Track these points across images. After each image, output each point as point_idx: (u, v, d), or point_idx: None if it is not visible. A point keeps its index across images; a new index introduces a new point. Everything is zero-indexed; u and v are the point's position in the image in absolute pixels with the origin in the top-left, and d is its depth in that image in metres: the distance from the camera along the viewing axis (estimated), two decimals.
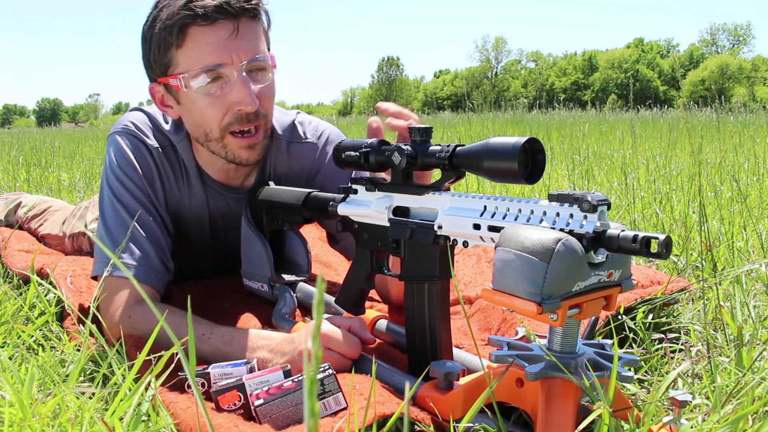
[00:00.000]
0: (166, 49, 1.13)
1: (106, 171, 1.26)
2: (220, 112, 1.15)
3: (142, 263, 1.19)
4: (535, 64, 66.92)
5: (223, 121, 1.16)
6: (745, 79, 46.80)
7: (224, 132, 1.18)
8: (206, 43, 1.11)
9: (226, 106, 1.15)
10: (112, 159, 1.26)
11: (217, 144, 1.20)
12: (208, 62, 1.11)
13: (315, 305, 0.32)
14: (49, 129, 23.29)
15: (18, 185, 3.70)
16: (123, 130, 1.28)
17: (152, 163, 1.27)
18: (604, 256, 0.74)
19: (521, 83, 63.26)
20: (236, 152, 1.21)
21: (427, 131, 0.96)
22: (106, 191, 1.25)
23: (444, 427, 0.83)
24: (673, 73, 49.65)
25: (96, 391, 0.85)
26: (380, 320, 1.17)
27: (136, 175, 1.25)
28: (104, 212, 1.23)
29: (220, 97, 1.14)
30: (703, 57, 55.52)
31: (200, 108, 1.16)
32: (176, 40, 1.11)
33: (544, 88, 58.61)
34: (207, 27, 1.10)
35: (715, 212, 2.14)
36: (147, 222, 1.23)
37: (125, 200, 1.23)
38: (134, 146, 1.26)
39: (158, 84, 1.20)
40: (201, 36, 1.10)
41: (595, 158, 4.11)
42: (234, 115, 1.16)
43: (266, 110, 1.20)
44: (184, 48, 1.12)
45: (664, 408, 0.90)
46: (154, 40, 1.15)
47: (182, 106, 1.20)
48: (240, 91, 1.13)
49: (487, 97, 31.69)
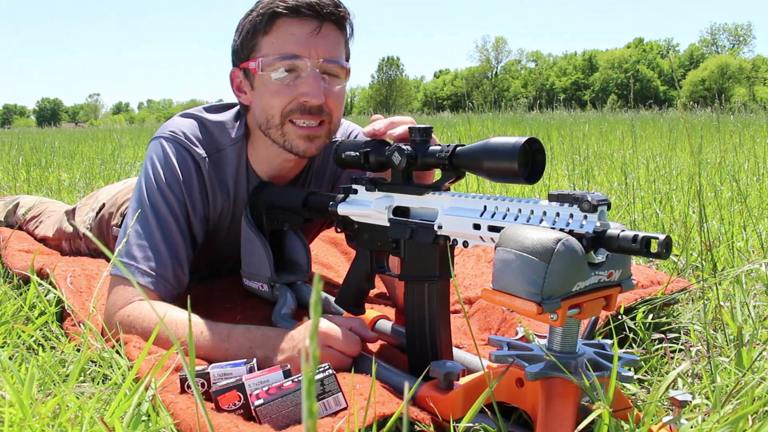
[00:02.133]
0: (254, 35, 1.21)
1: (145, 174, 1.26)
2: (286, 100, 1.20)
3: (156, 273, 1.19)
4: (535, 64, 66.93)
5: (287, 108, 1.20)
6: (745, 79, 46.80)
7: (285, 119, 1.21)
8: (290, 34, 1.18)
9: (293, 95, 1.19)
10: (154, 163, 1.26)
11: (277, 131, 1.23)
12: (287, 51, 1.18)
13: (313, 305, 0.32)
14: (49, 129, 23.30)
15: (18, 185, 3.70)
16: (171, 137, 1.28)
17: (197, 173, 1.28)
18: (604, 256, 0.74)
19: (521, 83, 63.27)
20: (294, 141, 1.23)
21: (427, 131, 0.96)
22: (140, 194, 1.25)
23: (444, 427, 0.83)
24: (673, 74, 49.68)
25: (96, 391, 0.85)
26: (380, 320, 1.17)
27: (175, 184, 1.25)
28: (136, 217, 1.23)
29: (290, 86, 1.19)
30: (703, 57, 55.52)
31: (269, 92, 1.20)
32: (264, 27, 1.19)
33: (544, 88, 58.63)
34: (294, 20, 1.17)
35: (715, 212, 2.14)
36: (173, 233, 1.23)
37: (158, 206, 1.23)
38: (180, 155, 1.27)
39: (239, 69, 1.26)
40: (287, 27, 1.18)
41: (595, 158, 4.11)
42: (298, 105, 1.19)
43: (331, 110, 1.23)
44: (269, 35, 1.19)
45: (664, 408, 0.90)
46: (245, 27, 1.22)
47: (255, 91, 1.24)
48: (309, 84, 1.18)
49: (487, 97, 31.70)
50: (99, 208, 1.78)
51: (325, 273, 1.68)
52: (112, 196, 1.78)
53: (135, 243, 1.20)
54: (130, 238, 1.20)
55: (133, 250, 1.19)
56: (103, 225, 1.74)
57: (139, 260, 1.18)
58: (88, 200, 1.89)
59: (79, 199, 3.23)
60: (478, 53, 66.38)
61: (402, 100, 60.97)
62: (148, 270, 1.18)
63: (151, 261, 1.19)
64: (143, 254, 1.19)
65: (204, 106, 1.39)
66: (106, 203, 1.76)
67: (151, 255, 1.19)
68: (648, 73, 53.65)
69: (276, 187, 1.31)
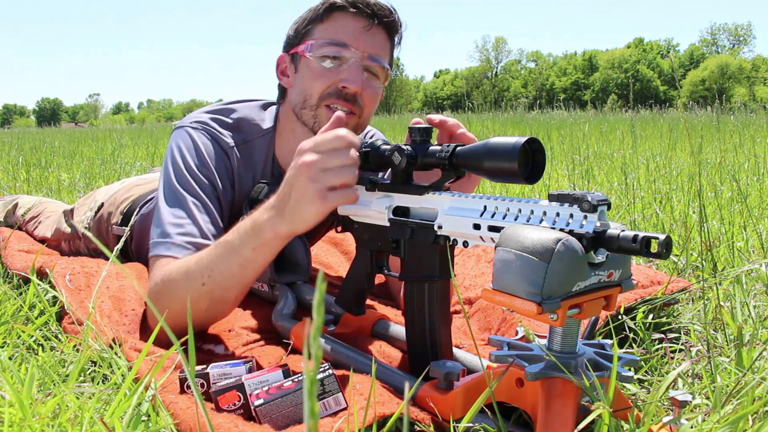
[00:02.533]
0: (310, 23, 1.26)
1: (172, 160, 1.26)
2: (326, 83, 1.23)
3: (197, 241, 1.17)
4: (535, 64, 66.92)
5: (326, 91, 1.24)
6: (745, 79, 46.80)
7: (321, 101, 1.24)
8: (343, 25, 1.24)
9: (333, 80, 1.23)
10: (181, 149, 1.26)
11: (311, 111, 1.26)
12: (337, 38, 1.23)
13: (315, 305, 0.32)
14: (49, 129, 23.30)
15: (18, 185, 3.70)
16: (198, 125, 1.30)
17: (226, 160, 1.29)
18: (604, 256, 0.74)
19: (521, 83, 63.26)
20: (324, 123, 1.23)
21: (427, 131, 0.96)
22: (167, 179, 1.24)
23: (444, 427, 0.83)
24: (673, 74, 49.66)
25: (96, 391, 0.85)
26: (380, 320, 1.17)
27: (203, 167, 1.25)
28: (166, 198, 1.22)
29: (332, 71, 1.23)
30: (704, 57, 55.53)
31: (312, 74, 1.24)
32: (321, 16, 1.25)
33: (544, 88, 58.61)
34: (350, 13, 1.23)
35: (715, 212, 2.14)
36: (209, 207, 1.22)
37: (190, 187, 1.22)
38: (208, 141, 1.28)
39: (287, 55, 1.31)
40: (341, 18, 1.24)
41: (595, 158, 4.11)
42: (336, 90, 1.23)
43: (364, 104, 1.26)
44: (324, 23, 1.25)
45: (664, 408, 0.90)
46: (303, 16, 1.29)
47: (298, 74, 1.28)
48: (351, 71, 1.22)
49: (487, 97, 31.69)
50: (97, 208, 1.78)
51: (325, 273, 1.68)
52: (110, 195, 1.78)
53: (169, 222, 1.18)
54: (163, 218, 1.19)
55: (167, 228, 1.18)
56: (102, 225, 1.74)
57: (173, 236, 1.17)
58: (85, 200, 1.89)
59: (78, 199, 3.23)
60: (478, 53, 66.41)
61: (402, 100, 60.93)
62: (184, 243, 1.16)
63: (188, 235, 1.17)
64: (180, 230, 1.17)
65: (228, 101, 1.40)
66: (105, 203, 1.76)
67: (188, 230, 1.18)
68: (648, 73, 53.65)
69: (276, 187, 1.31)
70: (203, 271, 1.06)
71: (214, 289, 1.06)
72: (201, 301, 1.07)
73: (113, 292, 1.36)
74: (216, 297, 1.07)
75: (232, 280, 1.06)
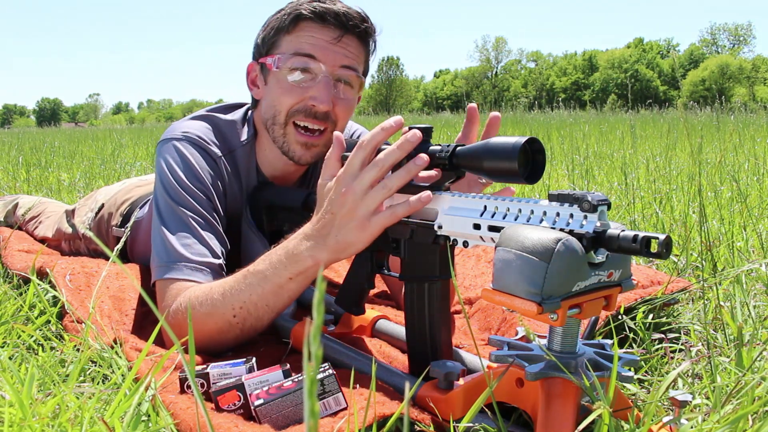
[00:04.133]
0: (277, 33, 1.23)
1: (163, 178, 1.21)
2: (295, 99, 1.21)
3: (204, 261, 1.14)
4: (535, 64, 66.91)
5: (293, 107, 1.21)
6: (745, 79, 46.80)
7: (289, 119, 1.22)
8: (310, 36, 1.20)
9: (302, 96, 1.21)
10: (170, 165, 1.22)
11: (280, 130, 1.24)
12: (303, 50, 1.19)
13: (315, 305, 0.32)
14: (49, 129, 23.31)
15: (18, 185, 3.70)
16: (184, 137, 1.25)
17: (217, 170, 1.26)
18: (604, 256, 0.74)
19: (521, 83, 63.26)
20: (292, 145, 1.24)
21: (427, 131, 0.96)
22: (163, 198, 1.20)
23: (444, 427, 0.83)
24: (673, 73, 49.65)
25: (96, 391, 0.85)
26: (380, 320, 1.17)
27: (196, 181, 1.21)
28: (164, 219, 1.18)
29: (301, 87, 1.21)
30: (704, 57, 55.52)
31: (281, 89, 1.22)
32: (288, 26, 1.21)
33: (544, 88, 58.62)
34: (317, 25, 1.19)
35: (715, 212, 2.14)
36: (210, 222, 1.20)
37: (187, 204, 1.19)
38: (198, 154, 1.24)
39: (257, 63, 1.28)
40: (309, 29, 1.20)
41: (595, 158, 4.11)
42: (304, 107, 1.21)
43: (337, 118, 1.23)
44: (291, 34, 1.21)
45: (664, 408, 0.90)
46: (271, 24, 1.24)
47: (267, 87, 1.26)
48: (319, 88, 1.19)
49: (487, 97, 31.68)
50: (98, 208, 1.78)
51: (325, 273, 1.68)
52: (111, 196, 1.78)
53: (174, 243, 1.14)
54: (168, 239, 1.15)
55: (175, 249, 1.14)
56: (103, 225, 1.74)
57: (183, 257, 1.13)
58: (86, 201, 1.89)
59: (78, 199, 3.23)
60: (478, 53, 66.40)
61: (402, 100, 60.95)
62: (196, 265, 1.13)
63: (198, 255, 1.14)
64: (188, 250, 1.14)
65: (210, 108, 1.37)
66: (105, 204, 1.76)
67: (197, 249, 1.15)
68: (648, 73, 53.65)
69: (276, 187, 1.31)
70: (233, 303, 1.04)
71: (247, 319, 1.05)
72: (231, 331, 1.06)
73: (113, 292, 1.36)
74: (248, 326, 1.06)
75: (266, 309, 1.04)
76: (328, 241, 0.96)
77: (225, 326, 1.05)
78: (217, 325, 1.05)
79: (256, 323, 1.06)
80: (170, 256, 1.14)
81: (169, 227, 1.17)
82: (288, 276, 1.00)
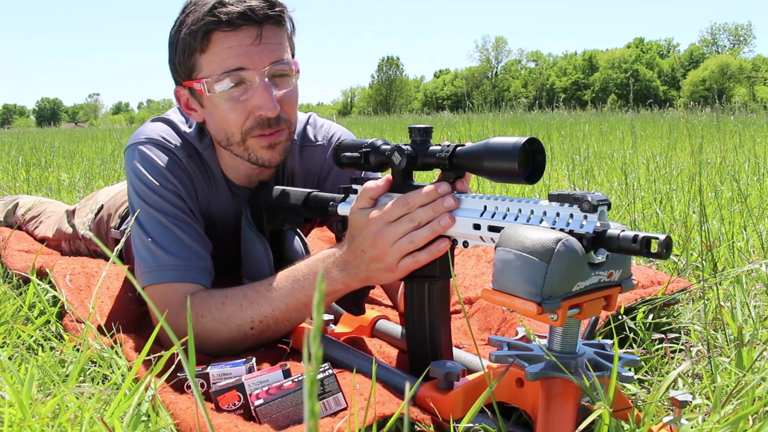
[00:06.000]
0: (191, 54, 1.15)
1: (135, 183, 1.21)
2: (242, 116, 1.16)
3: (189, 263, 1.15)
4: (535, 64, 66.92)
5: (245, 125, 1.16)
6: (745, 79, 46.81)
7: (246, 136, 1.18)
8: (228, 48, 1.12)
9: (247, 110, 1.15)
10: (139, 170, 1.21)
11: (239, 147, 1.19)
12: (229, 65, 1.12)
13: (315, 305, 0.32)
14: (48, 129, 23.32)
15: (18, 185, 3.70)
16: (148, 141, 1.24)
17: (183, 170, 1.24)
18: (604, 256, 0.74)
19: (521, 83, 63.26)
20: (258, 153, 1.20)
21: (427, 131, 0.96)
22: (138, 204, 1.19)
23: (444, 427, 0.83)
24: (674, 73, 49.67)
25: (96, 391, 0.85)
26: (380, 320, 1.17)
27: (168, 183, 1.20)
28: (142, 224, 1.17)
29: (242, 101, 1.15)
30: (704, 57, 55.52)
31: (223, 112, 1.16)
32: (200, 45, 1.13)
33: (544, 88, 58.63)
34: (230, 32, 1.11)
35: (715, 212, 2.14)
36: (188, 223, 1.19)
37: (163, 207, 1.18)
38: (163, 155, 1.23)
39: (183, 87, 1.21)
40: (224, 41, 1.11)
41: (595, 158, 4.11)
42: (255, 120, 1.16)
43: (288, 115, 1.20)
44: (207, 53, 1.13)
45: (665, 408, 0.90)
46: (179, 45, 1.16)
47: (206, 110, 1.20)
48: (261, 96, 1.13)
49: (487, 97, 31.70)
50: (98, 209, 1.77)
51: None
52: (110, 197, 1.78)
53: (156, 247, 1.14)
54: (149, 245, 1.15)
55: (158, 255, 1.14)
56: (102, 227, 1.74)
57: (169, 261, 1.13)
58: (87, 201, 1.89)
59: (78, 199, 3.23)
60: (478, 53, 66.40)
61: (402, 100, 60.98)
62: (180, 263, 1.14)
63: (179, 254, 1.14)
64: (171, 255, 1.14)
65: (172, 110, 1.36)
66: (105, 205, 1.76)
67: (180, 253, 1.15)
68: (648, 73, 53.65)
69: (276, 187, 1.31)
70: (252, 316, 1.06)
71: (265, 332, 1.07)
72: (245, 341, 1.08)
73: (113, 292, 1.36)
74: (264, 338, 1.09)
75: (287, 324, 1.07)
76: (359, 273, 1.00)
77: (240, 336, 1.07)
78: (231, 334, 1.07)
79: (273, 335, 1.08)
80: (156, 261, 1.13)
81: (148, 232, 1.16)
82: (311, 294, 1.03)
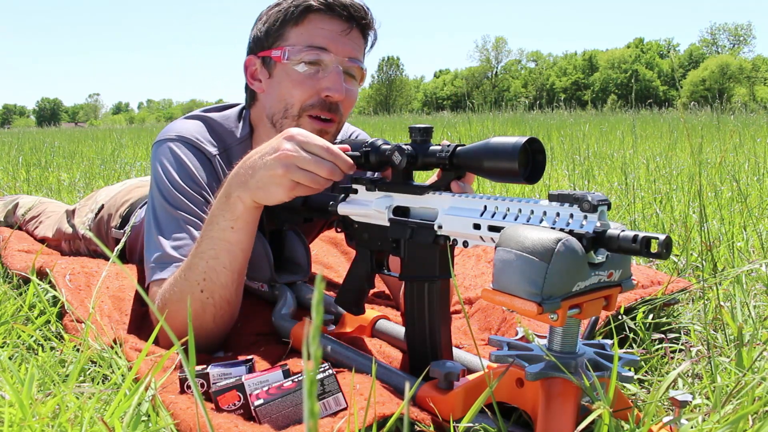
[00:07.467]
0: (283, 25, 1.22)
1: (158, 179, 1.21)
2: (308, 92, 1.21)
3: None
4: (535, 64, 66.93)
5: (308, 101, 1.21)
6: (745, 79, 46.81)
7: (303, 111, 1.21)
8: (321, 28, 1.20)
9: (315, 89, 1.20)
10: (165, 166, 1.22)
11: (292, 122, 1.22)
12: (317, 42, 1.19)
13: (314, 305, 0.32)
14: (48, 129, 23.33)
15: (18, 185, 3.70)
16: (178, 138, 1.26)
17: (210, 170, 1.25)
18: (604, 256, 0.74)
19: (521, 83, 63.27)
20: None
21: (427, 131, 0.96)
22: (158, 200, 1.20)
23: (444, 427, 0.83)
24: (673, 74, 49.67)
25: (96, 391, 0.85)
26: (380, 320, 1.17)
27: (193, 184, 1.21)
28: (159, 221, 1.18)
29: (313, 78, 1.20)
30: (704, 57, 55.52)
31: (291, 82, 1.21)
32: (296, 19, 1.20)
33: (544, 88, 58.61)
34: (327, 16, 1.20)
35: (715, 212, 2.14)
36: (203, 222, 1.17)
37: (183, 207, 1.19)
38: (191, 153, 1.24)
39: (256, 57, 1.26)
40: (319, 21, 1.20)
41: (596, 158, 4.11)
42: (319, 99, 1.21)
43: (344, 110, 1.24)
44: (299, 27, 1.21)
45: (665, 408, 0.90)
46: (272, 16, 1.23)
47: (272, 80, 1.24)
48: (333, 79, 1.19)
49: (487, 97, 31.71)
50: (98, 209, 1.78)
51: (325, 273, 1.68)
52: (110, 197, 1.78)
53: (166, 244, 1.15)
54: (160, 241, 1.15)
55: (166, 251, 1.14)
56: (102, 226, 1.74)
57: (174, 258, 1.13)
58: (87, 201, 1.89)
59: (78, 199, 3.23)
60: (478, 53, 66.40)
61: (402, 100, 60.96)
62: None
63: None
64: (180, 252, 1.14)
65: (205, 108, 1.37)
66: (105, 204, 1.76)
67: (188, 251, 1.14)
68: (648, 73, 53.65)
69: None
70: (195, 278, 1.05)
71: (213, 290, 1.05)
72: (206, 310, 1.06)
73: (113, 292, 1.36)
74: (218, 298, 1.07)
75: (225, 271, 1.06)
76: (250, 184, 1.01)
77: (198, 307, 1.06)
78: (193, 308, 1.06)
79: (223, 291, 1.07)
80: (163, 258, 1.14)
81: (162, 229, 1.17)
82: (230, 226, 1.04)
